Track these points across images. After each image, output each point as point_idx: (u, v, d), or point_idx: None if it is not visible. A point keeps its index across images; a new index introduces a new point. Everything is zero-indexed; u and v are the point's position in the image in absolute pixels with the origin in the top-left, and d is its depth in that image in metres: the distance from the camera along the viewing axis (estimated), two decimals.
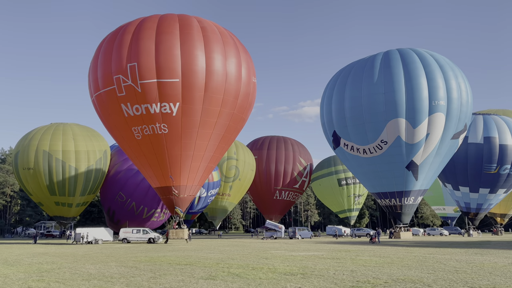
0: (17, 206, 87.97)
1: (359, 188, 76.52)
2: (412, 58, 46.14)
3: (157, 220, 59.26)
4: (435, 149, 45.97)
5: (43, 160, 52.40)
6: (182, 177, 39.08)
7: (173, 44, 35.60)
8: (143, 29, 36.31)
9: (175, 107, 35.73)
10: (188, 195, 40.58)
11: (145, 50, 35.31)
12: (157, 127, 36.41)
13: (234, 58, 37.92)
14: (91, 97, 39.72)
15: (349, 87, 48.15)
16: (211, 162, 40.84)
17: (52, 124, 57.02)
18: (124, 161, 56.27)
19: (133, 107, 35.92)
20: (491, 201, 61.25)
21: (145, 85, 35.16)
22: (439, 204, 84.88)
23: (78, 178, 53.81)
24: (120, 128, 37.80)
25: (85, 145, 54.31)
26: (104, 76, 36.66)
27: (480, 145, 57.02)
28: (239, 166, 70.00)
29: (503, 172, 57.56)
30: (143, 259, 21.67)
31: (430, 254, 23.95)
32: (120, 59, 35.74)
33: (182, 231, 41.72)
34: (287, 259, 21.07)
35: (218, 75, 36.46)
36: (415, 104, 44.31)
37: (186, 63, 35.40)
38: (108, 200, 57.06)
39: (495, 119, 59.34)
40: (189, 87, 35.54)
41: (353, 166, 51.87)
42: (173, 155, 37.75)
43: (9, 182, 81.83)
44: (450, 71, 45.94)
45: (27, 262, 20.56)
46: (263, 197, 77.58)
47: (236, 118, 39.56)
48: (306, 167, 78.29)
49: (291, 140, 79.90)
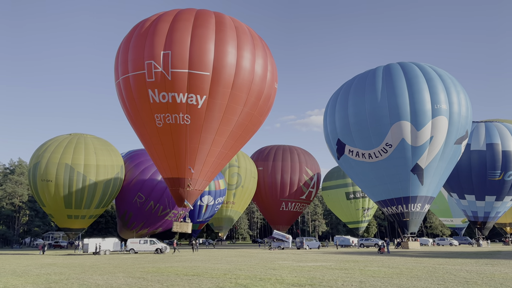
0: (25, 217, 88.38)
1: (368, 202, 76.14)
2: (412, 67, 48.47)
3: (171, 219, 60.87)
4: (440, 153, 46.47)
5: (65, 173, 52.68)
6: (195, 170, 39.32)
7: (208, 38, 36.17)
8: (180, 20, 36.89)
9: (201, 99, 36.10)
10: (197, 189, 40.70)
11: (180, 40, 35.82)
12: (180, 117, 36.65)
13: (262, 59, 38.64)
14: (116, 80, 39.84)
15: (352, 96, 49.32)
16: (224, 160, 41.27)
17: (72, 136, 56.97)
18: (136, 166, 58.29)
19: (160, 94, 36.25)
20: (498, 209, 60.63)
21: (176, 74, 35.59)
22: (446, 216, 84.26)
23: (96, 191, 54.34)
24: (143, 113, 38.03)
25: (105, 159, 55.01)
26: (135, 59, 36.82)
27: (483, 152, 56.86)
28: (241, 173, 70.44)
29: (508, 178, 57.14)
30: (151, 269, 21.65)
31: (439, 265, 23.68)
32: (154, 46, 36.10)
33: (186, 225, 41.77)
34: (295, 269, 20.94)
35: (245, 74, 37.08)
36: (418, 107, 45.51)
37: (218, 58, 35.97)
38: (125, 203, 58.29)
39: (497, 126, 59.21)
40: (217, 82, 36.04)
41: (357, 174, 51.71)
42: (191, 147, 38.02)
43: (18, 192, 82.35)
44: (448, 79, 48.11)
45: (35, 273, 20.63)
46: (270, 208, 77.33)
47: (254, 120, 40.10)
48: (313, 177, 77.79)
49: (297, 149, 79.35)
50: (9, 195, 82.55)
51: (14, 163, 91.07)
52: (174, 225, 42.31)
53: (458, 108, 47.03)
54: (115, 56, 40.30)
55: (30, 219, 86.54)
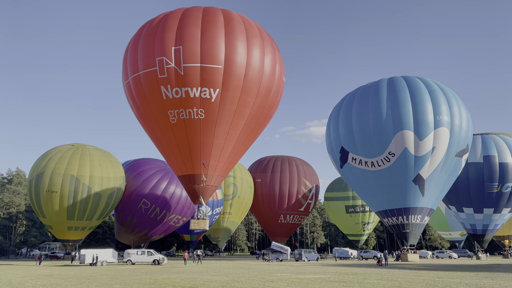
0: (22, 227, 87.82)
1: (368, 216, 75.96)
2: (415, 80, 49.59)
3: (174, 225, 62.15)
4: (441, 164, 46.89)
5: (70, 184, 52.37)
6: (210, 165, 39.16)
7: (217, 32, 36.42)
8: (189, 16, 37.14)
9: (215, 93, 36.16)
10: (213, 185, 40.46)
11: (191, 35, 35.98)
12: (194, 112, 36.60)
13: (270, 52, 38.98)
14: (125, 81, 39.69)
15: (356, 105, 50.03)
16: (237, 155, 41.15)
17: (76, 147, 56.56)
18: (139, 175, 59.47)
19: (173, 89, 36.21)
20: (496, 222, 60.48)
21: (188, 68, 35.66)
22: (444, 230, 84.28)
23: (100, 203, 54.20)
24: (156, 110, 37.89)
25: (109, 171, 55.12)
26: (145, 57, 36.78)
27: (480, 164, 56.98)
28: (236, 184, 70.47)
29: (505, 190, 57.14)
30: (148, 281, 21.46)
31: (439, 278, 23.53)
32: (165, 42, 36.15)
33: (204, 222, 41.31)
34: (293, 282, 20.77)
35: (256, 66, 37.37)
36: (421, 117, 46.29)
37: (229, 51, 36.17)
38: (130, 210, 59.05)
39: (493, 138, 59.41)
40: (230, 75, 36.17)
41: (359, 183, 51.76)
42: (205, 142, 37.92)
43: (15, 202, 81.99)
44: (450, 93, 49.35)
45: (31, 285, 20.43)
46: (268, 220, 76.96)
47: (265, 112, 40.21)
48: (312, 189, 77.28)
49: (296, 160, 78.84)
50: (6, 205, 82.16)
51: (12, 173, 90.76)
52: (191, 222, 41.87)
53: (459, 121, 47.80)
54: (123, 57, 40.19)
55: (27, 229, 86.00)
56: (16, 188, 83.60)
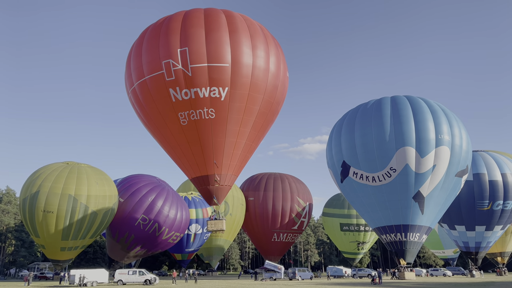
0: (11, 247, 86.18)
1: (363, 236, 75.86)
2: (417, 99, 50.74)
3: (173, 242, 61.06)
4: (441, 183, 47.28)
5: (67, 204, 51.05)
6: (223, 165, 38.83)
7: (222, 32, 36.57)
8: (192, 18, 37.18)
9: (224, 91, 36.08)
10: (227, 185, 40.06)
11: (195, 35, 35.95)
12: (205, 112, 36.44)
13: (274, 48, 39.42)
14: (129, 89, 39.37)
15: (359, 120, 50.67)
16: (248, 152, 41.00)
17: (71, 166, 55.29)
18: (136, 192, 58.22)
19: (182, 91, 36.02)
20: (489, 239, 60.59)
21: (196, 69, 35.55)
22: (438, 248, 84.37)
23: (95, 222, 53.31)
24: (165, 114, 37.58)
25: (105, 190, 54.35)
26: (150, 61, 36.57)
27: (470, 182, 57.22)
28: (228, 201, 69.65)
29: (496, 208, 57.42)
30: None
31: None
32: (170, 44, 35.99)
33: (221, 222, 40.89)
34: None
35: (262, 62, 37.59)
36: (423, 135, 46.94)
37: (235, 49, 36.23)
38: (127, 226, 57.61)
39: (482, 156, 59.89)
40: (237, 73, 36.21)
41: (359, 198, 51.73)
42: (217, 142, 37.68)
43: (4, 221, 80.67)
44: (450, 114, 50.56)
45: None
46: (261, 239, 76.18)
47: (273, 109, 40.33)
48: (305, 208, 76.69)
49: (288, 178, 78.30)
50: None
51: (1, 192, 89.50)
52: (208, 224, 41.41)
53: (460, 141, 48.62)
54: (126, 64, 39.95)
55: (16, 249, 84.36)
56: (5, 207, 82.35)
